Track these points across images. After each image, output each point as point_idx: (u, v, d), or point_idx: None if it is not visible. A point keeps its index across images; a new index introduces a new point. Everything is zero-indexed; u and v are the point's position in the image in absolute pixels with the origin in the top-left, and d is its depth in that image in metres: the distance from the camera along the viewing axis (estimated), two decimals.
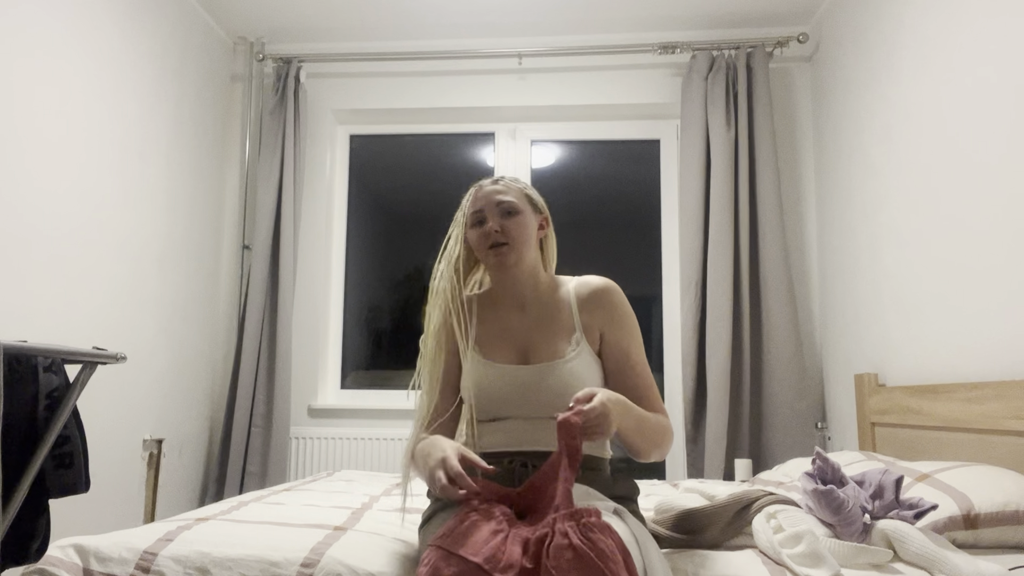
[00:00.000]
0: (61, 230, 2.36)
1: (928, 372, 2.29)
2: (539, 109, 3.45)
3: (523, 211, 1.48)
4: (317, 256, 3.42)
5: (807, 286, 3.22)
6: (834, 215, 3.03)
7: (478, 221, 1.48)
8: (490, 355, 1.45)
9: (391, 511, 1.78)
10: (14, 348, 1.49)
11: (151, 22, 2.86)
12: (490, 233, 1.45)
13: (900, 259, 2.46)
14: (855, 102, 2.83)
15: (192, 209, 3.16)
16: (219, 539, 1.35)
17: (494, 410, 1.42)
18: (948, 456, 2.09)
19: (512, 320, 1.49)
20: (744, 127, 3.12)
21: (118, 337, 2.64)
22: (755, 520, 1.39)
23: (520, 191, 1.51)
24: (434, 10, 3.24)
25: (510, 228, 1.46)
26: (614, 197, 3.55)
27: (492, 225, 1.46)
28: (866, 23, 2.75)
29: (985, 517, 1.46)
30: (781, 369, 2.95)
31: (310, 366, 3.35)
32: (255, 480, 3.10)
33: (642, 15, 3.25)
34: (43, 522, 1.68)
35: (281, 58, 3.40)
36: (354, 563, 1.26)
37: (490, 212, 1.47)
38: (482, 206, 1.48)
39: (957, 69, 2.15)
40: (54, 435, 1.61)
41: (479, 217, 1.48)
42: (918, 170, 2.35)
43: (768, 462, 2.92)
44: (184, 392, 3.09)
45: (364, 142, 3.66)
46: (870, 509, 1.38)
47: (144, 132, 2.81)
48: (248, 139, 3.46)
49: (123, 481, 2.68)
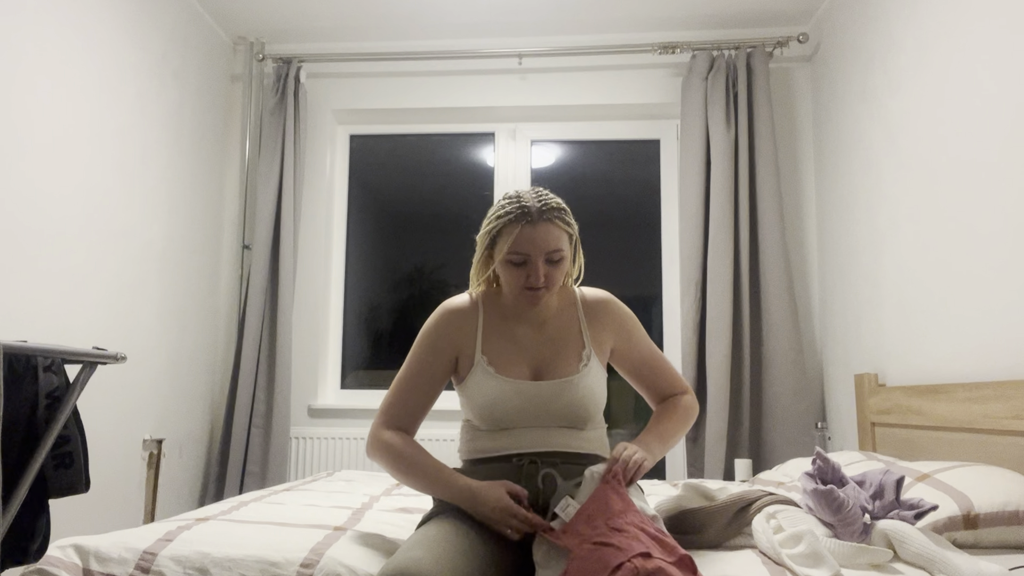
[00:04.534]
0: (61, 230, 2.36)
1: (928, 372, 2.29)
2: (539, 109, 3.45)
3: (566, 257, 1.42)
4: (317, 256, 3.42)
5: (807, 286, 3.22)
6: (834, 215, 3.03)
7: (520, 262, 1.39)
8: (504, 370, 1.43)
9: (391, 511, 1.78)
10: (14, 348, 1.49)
11: (151, 22, 2.86)
12: (532, 279, 1.38)
13: (900, 259, 2.46)
14: (855, 102, 2.83)
15: (192, 209, 3.16)
16: (219, 539, 1.35)
17: (506, 422, 1.42)
18: (948, 456, 2.09)
19: (527, 337, 1.48)
20: (744, 127, 3.12)
21: (118, 337, 2.64)
22: (755, 520, 1.39)
23: (562, 231, 1.40)
24: (434, 10, 3.24)
25: (554, 276, 1.40)
26: (614, 197, 3.55)
27: (536, 274, 1.37)
28: (866, 23, 2.75)
29: (985, 517, 1.46)
30: (781, 369, 2.95)
31: (310, 366, 3.35)
32: (255, 480, 3.10)
33: (642, 15, 3.25)
34: (43, 522, 1.68)
35: (281, 58, 3.40)
36: (354, 563, 1.26)
37: (537, 258, 1.38)
38: (529, 251, 1.37)
39: (957, 69, 2.14)
40: (54, 435, 1.61)
41: (522, 260, 1.39)
42: (918, 170, 2.35)
43: (768, 462, 2.92)
44: (184, 392, 3.09)
45: (364, 142, 3.66)
46: (870, 509, 1.38)
47: (144, 132, 2.81)
48: (248, 139, 3.46)
49: (123, 481, 2.68)
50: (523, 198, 1.39)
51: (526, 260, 1.38)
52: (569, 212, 1.43)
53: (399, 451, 1.40)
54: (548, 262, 1.39)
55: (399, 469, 1.39)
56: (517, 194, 1.41)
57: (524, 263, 1.38)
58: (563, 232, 1.39)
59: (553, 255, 1.38)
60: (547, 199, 1.39)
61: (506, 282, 1.44)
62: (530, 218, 1.36)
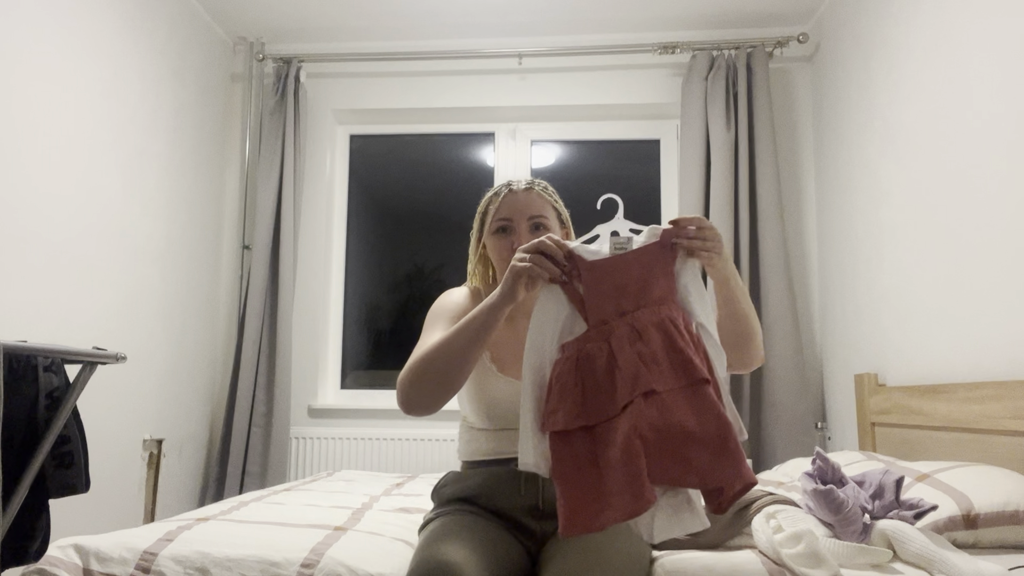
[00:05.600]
0: (61, 230, 2.36)
1: (928, 372, 2.29)
2: (539, 109, 3.45)
3: (552, 228, 1.43)
4: (317, 256, 3.42)
5: (807, 286, 3.22)
6: (834, 215, 3.03)
7: (502, 228, 1.42)
8: (506, 369, 1.42)
9: (391, 511, 1.78)
10: (14, 348, 1.49)
11: (151, 22, 2.86)
12: (516, 246, 1.39)
13: (900, 259, 2.46)
14: (855, 102, 2.83)
15: (192, 209, 3.16)
16: (219, 539, 1.35)
17: (507, 422, 1.41)
18: (948, 456, 2.09)
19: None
20: (744, 127, 3.12)
21: (118, 337, 2.64)
22: (755, 520, 1.39)
23: (550, 205, 1.45)
24: (434, 10, 3.23)
25: None
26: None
27: (520, 240, 1.39)
28: (866, 23, 2.75)
29: (985, 517, 1.46)
30: (781, 369, 2.95)
31: (310, 366, 3.35)
32: (255, 480, 3.10)
33: (642, 15, 3.25)
34: (43, 522, 1.68)
35: (281, 58, 3.40)
36: (354, 563, 1.26)
37: (519, 223, 1.41)
38: (511, 215, 1.41)
39: (957, 69, 2.14)
40: (54, 435, 1.60)
41: (505, 225, 1.42)
42: (918, 170, 2.35)
43: (768, 462, 2.92)
44: (184, 392, 3.09)
45: (364, 142, 3.66)
46: (870, 509, 1.38)
47: (144, 132, 2.81)
48: (248, 139, 3.45)
49: (123, 481, 2.68)
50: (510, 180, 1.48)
51: (509, 226, 1.41)
52: (555, 192, 1.49)
53: (421, 355, 1.27)
54: (532, 229, 1.41)
55: (434, 364, 1.24)
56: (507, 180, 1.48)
57: (508, 230, 1.41)
58: (547, 203, 1.44)
59: (537, 219, 1.41)
60: (532, 179, 1.48)
61: (495, 259, 1.45)
62: (513, 188, 1.45)
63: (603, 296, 1.12)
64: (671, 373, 1.06)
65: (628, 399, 1.04)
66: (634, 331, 1.08)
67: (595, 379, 1.08)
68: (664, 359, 1.06)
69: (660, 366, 1.06)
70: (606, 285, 1.12)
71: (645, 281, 1.12)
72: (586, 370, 1.09)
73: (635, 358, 1.06)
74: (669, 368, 1.06)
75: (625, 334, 1.08)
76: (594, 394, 1.07)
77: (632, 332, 1.08)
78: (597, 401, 1.07)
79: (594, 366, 1.08)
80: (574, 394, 1.08)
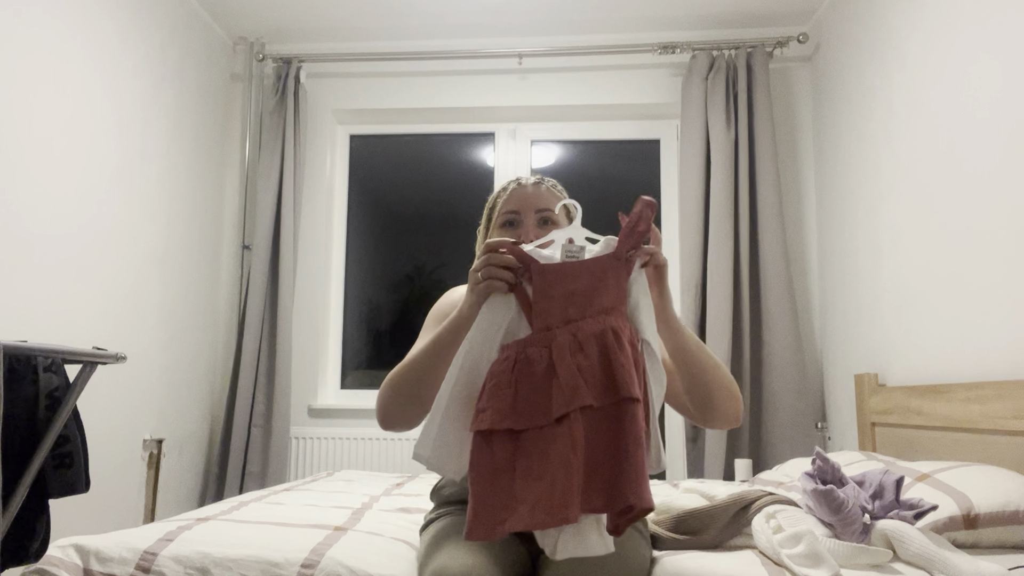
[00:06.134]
0: (61, 230, 2.36)
1: (928, 372, 2.29)
2: (539, 109, 3.45)
3: (559, 224, 1.41)
4: (317, 256, 3.42)
5: (807, 286, 3.22)
6: (834, 215, 3.03)
7: (509, 222, 1.40)
8: None
9: (391, 511, 1.78)
10: (14, 348, 1.49)
11: (151, 22, 2.86)
12: (523, 239, 1.36)
13: (900, 258, 2.46)
14: (855, 102, 2.83)
15: (192, 209, 3.17)
16: (219, 539, 1.35)
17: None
18: (948, 456, 2.09)
19: None
20: (744, 127, 3.12)
21: (118, 337, 2.64)
22: (755, 520, 1.39)
23: (555, 197, 1.43)
24: (434, 10, 3.24)
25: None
26: (614, 197, 3.54)
27: (527, 233, 1.37)
28: (866, 23, 2.75)
29: (985, 517, 1.46)
30: (781, 369, 2.95)
31: (310, 366, 3.35)
32: (255, 480, 3.10)
33: (642, 15, 3.25)
34: (43, 522, 1.68)
35: (281, 58, 3.40)
36: (354, 564, 1.26)
37: (527, 217, 1.39)
38: (519, 208, 1.39)
39: (957, 69, 2.14)
40: (54, 435, 1.61)
41: (512, 219, 1.40)
42: (918, 170, 2.35)
43: (768, 462, 2.92)
44: (184, 392, 3.09)
45: (364, 142, 3.66)
46: (870, 509, 1.38)
47: (144, 132, 2.81)
48: (248, 139, 3.45)
49: (123, 481, 2.68)
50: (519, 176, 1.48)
51: (517, 219, 1.39)
52: (564, 190, 1.48)
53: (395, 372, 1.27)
54: (541, 223, 1.39)
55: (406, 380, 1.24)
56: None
57: (516, 223, 1.39)
58: (556, 198, 1.42)
59: (544, 213, 1.39)
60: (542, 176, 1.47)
61: None
62: (522, 182, 1.44)
63: (551, 301, 1.10)
64: (603, 388, 1.04)
65: (564, 411, 1.02)
66: (576, 341, 1.06)
67: (530, 384, 1.06)
68: (600, 373, 1.04)
69: (596, 379, 1.04)
70: (556, 291, 1.10)
71: (595, 290, 1.10)
72: (522, 374, 1.06)
73: (575, 371, 1.04)
74: (603, 382, 1.04)
75: (567, 343, 1.06)
76: (527, 399, 1.05)
77: (574, 342, 1.06)
78: (529, 407, 1.04)
79: (532, 371, 1.06)
80: (506, 395, 1.05)
